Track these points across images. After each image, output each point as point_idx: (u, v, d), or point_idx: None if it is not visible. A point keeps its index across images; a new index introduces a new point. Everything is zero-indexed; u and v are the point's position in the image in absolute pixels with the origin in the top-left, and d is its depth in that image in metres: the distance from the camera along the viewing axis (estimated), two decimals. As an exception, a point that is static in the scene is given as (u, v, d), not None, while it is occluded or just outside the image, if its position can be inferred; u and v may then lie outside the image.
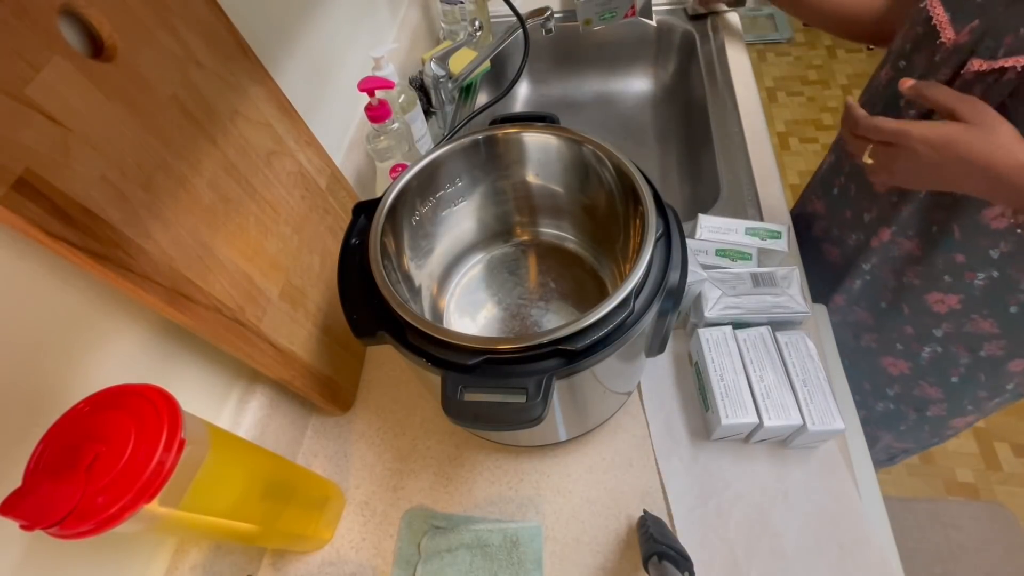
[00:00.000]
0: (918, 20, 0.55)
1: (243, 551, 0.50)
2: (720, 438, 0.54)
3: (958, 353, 0.66)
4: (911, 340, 0.69)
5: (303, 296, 0.54)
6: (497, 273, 0.61)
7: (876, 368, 0.76)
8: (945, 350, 0.66)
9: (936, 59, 0.53)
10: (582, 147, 0.50)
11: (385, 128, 0.64)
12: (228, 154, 0.45)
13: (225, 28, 0.45)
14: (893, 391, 0.76)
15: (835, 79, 2.32)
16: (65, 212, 0.31)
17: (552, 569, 0.50)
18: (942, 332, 0.65)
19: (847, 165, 0.70)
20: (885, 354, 0.73)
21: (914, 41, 0.56)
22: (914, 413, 0.77)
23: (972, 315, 0.61)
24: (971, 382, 0.68)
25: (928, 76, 0.53)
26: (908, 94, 0.50)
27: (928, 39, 0.54)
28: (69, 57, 0.32)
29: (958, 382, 0.69)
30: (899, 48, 0.60)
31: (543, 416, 0.35)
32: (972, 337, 0.63)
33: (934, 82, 0.49)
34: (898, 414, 0.79)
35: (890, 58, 0.62)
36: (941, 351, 0.67)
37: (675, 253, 0.43)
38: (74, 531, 0.27)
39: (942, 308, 0.62)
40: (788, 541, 0.49)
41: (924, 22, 0.54)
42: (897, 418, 0.80)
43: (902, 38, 0.59)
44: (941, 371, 0.69)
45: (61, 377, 0.36)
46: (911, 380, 0.73)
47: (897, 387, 0.75)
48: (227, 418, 0.51)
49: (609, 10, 1.00)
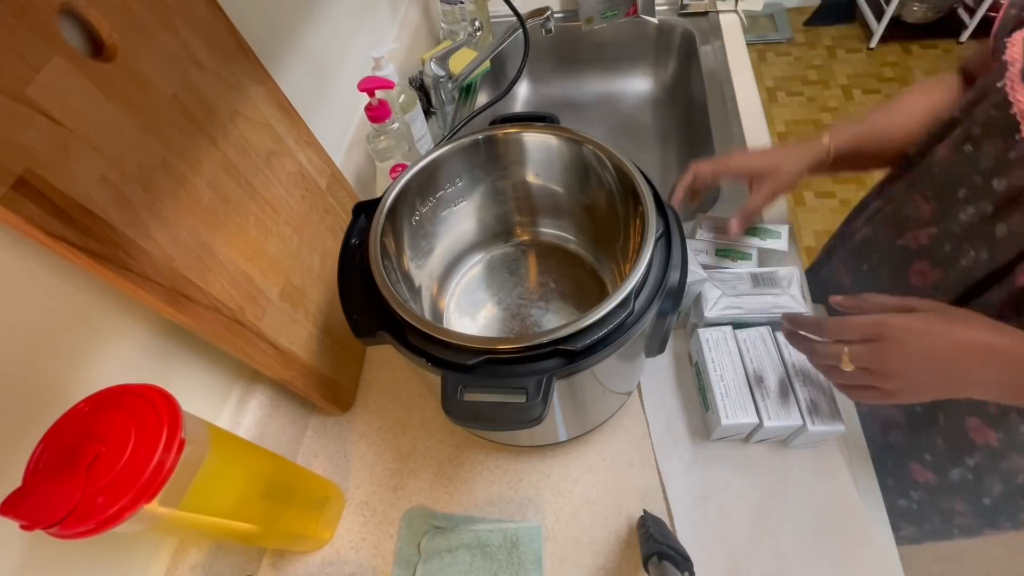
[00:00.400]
0: (994, 100, 0.45)
1: (243, 551, 0.50)
2: (720, 438, 0.54)
3: (992, 484, 0.56)
4: (942, 455, 0.58)
5: (303, 296, 0.54)
6: (497, 273, 0.61)
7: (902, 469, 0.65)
8: (977, 479, 0.57)
9: (1011, 155, 0.44)
10: (582, 147, 0.50)
11: (385, 128, 0.64)
12: (228, 154, 0.45)
13: (225, 28, 0.45)
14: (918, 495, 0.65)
15: (835, 79, 2.32)
16: (65, 212, 0.31)
17: (552, 569, 0.50)
18: (975, 462, 0.55)
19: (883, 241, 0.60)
20: (913, 460, 0.62)
21: (985, 126, 0.47)
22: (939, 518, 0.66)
23: (1012, 454, 0.52)
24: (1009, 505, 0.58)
25: (998, 174, 0.45)
26: (843, 307, 0.43)
27: (1003, 129, 0.44)
28: (69, 57, 0.32)
29: (991, 504, 0.59)
30: (966, 129, 0.49)
31: (543, 416, 0.35)
32: (1008, 473, 0.54)
33: (873, 295, 0.43)
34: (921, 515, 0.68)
35: (951, 133, 0.51)
36: (972, 479, 0.57)
37: (675, 253, 0.43)
38: (74, 531, 0.27)
39: (979, 438, 0.53)
40: (788, 541, 0.49)
41: (1000, 106, 0.44)
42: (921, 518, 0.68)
43: (969, 115, 0.49)
44: (971, 493, 0.59)
45: (61, 377, 0.36)
46: (937, 492, 0.63)
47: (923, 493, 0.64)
48: (227, 418, 0.51)
49: (611, 8, 1.00)
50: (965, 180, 0.49)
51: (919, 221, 0.54)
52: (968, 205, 0.48)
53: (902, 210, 0.57)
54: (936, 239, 0.52)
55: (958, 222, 0.49)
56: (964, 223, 0.49)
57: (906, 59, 2.35)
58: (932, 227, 0.53)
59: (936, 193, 0.52)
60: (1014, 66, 0.43)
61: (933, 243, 0.53)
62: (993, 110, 0.46)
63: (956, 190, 0.49)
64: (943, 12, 2.30)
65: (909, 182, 0.58)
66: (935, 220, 0.53)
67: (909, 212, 0.56)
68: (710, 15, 1.04)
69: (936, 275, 0.53)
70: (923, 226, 0.54)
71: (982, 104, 0.48)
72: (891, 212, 0.60)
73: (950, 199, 0.50)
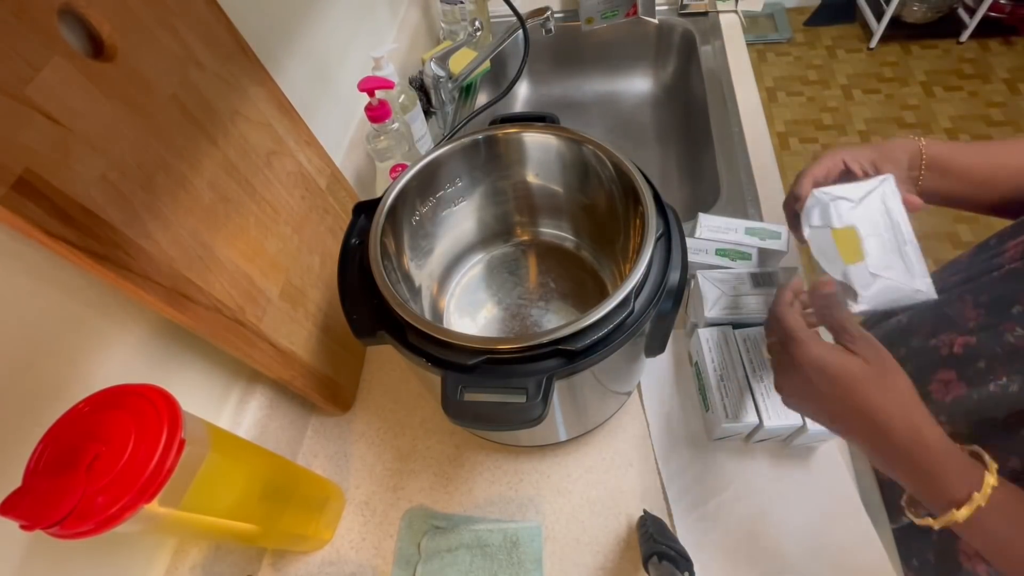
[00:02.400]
0: None
1: (243, 551, 0.50)
2: (720, 438, 0.54)
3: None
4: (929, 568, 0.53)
5: (303, 296, 0.54)
6: (497, 273, 0.61)
7: None
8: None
9: None
10: (582, 147, 0.50)
11: (385, 128, 0.64)
12: (228, 154, 0.45)
13: (225, 28, 0.45)
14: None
15: (835, 79, 2.32)
16: (65, 212, 0.31)
17: (552, 569, 0.50)
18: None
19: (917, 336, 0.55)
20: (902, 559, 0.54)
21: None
22: None
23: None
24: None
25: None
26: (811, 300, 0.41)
27: None
28: (69, 57, 0.32)
29: None
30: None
31: (543, 416, 0.35)
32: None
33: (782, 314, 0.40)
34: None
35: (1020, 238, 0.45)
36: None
37: (675, 253, 0.43)
38: (74, 531, 0.27)
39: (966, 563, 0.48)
40: (788, 541, 0.49)
41: None
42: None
43: None
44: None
45: (61, 377, 0.36)
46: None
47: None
48: (227, 418, 0.51)
49: (611, 8, 1.00)
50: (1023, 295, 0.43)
51: (961, 327, 0.49)
52: (1018, 325, 0.43)
53: (946, 308, 0.52)
54: (972, 350, 0.47)
55: (1002, 340, 0.44)
56: (1008, 344, 0.43)
57: (906, 59, 2.35)
58: (972, 336, 0.47)
59: (988, 300, 0.47)
60: None
61: (967, 354, 0.47)
62: None
63: (1011, 305, 0.44)
64: (943, 12, 2.31)
65: (964, 278, 0.52)
66: (977, 330, 0.47)
67: (953, 313, 0.51)
68: (710, 15, 1.04)
69: (959, 390, 0.48)
70: (962, 333, 0.48)
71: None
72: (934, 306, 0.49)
73: (1001, 312, 0.45)
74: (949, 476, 0.34)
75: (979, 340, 0.46)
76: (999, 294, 0.46)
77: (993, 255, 0.49)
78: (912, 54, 2.37)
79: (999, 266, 0.47)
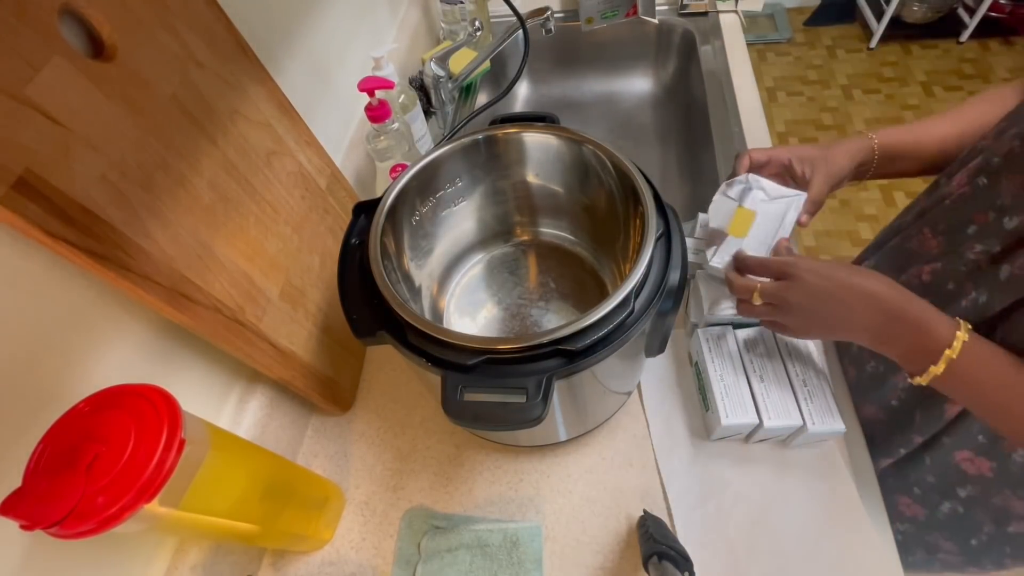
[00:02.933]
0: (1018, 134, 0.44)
1: (243, 551, 0.50)
2: (720, 438, 0.54)
3: (981, 521, 0.55)
4: (931, 490, 0.58)
5: (303, 296, 0.54)
6: (497, 273, 0.61)
7: (888, 502, 0.60)
8: (967, 512, 0.55)
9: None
10: (582, 147, 0.50)
11: (385, 128, 0.64)
12: (228, 154, 0.45)
13: (225, 28, 0.45)
14: (904, 527, 0.64)
15: (835, 79, 2.32)
16: (65, 212, 0.31)
17: (552, 569, 0.50)
18: (966, 494, 0.54)
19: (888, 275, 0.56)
20: (900, 492, 0.61)
21: (1006, 158, 0.44)
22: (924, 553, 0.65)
23: (1005, 489, 0.51)
24: (994, 550, 0.57)
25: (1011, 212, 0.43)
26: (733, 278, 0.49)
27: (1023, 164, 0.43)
28: (69, 57, 0.32)
29: (977, 545, 0.58)
30: (985, 160, 0.47)
31: (543, 416, 0.35)
32: (1001, 511, 0.53)
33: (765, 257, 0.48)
34: (905, 547, 0.64)
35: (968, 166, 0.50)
36: (963, 512, 0.56)
37: (675, 253, 0.43)
38: (74, 531, 0.27)
39: (971, 468, 0.52)
40: (788, 541, 0.49)
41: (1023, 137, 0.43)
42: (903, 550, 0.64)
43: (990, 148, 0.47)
44: (959, 530, 0.58)
45: (61, 377, 0.36)
46: (924, 527, 0.62)
47: (909, 527, 0.63)
48: (227, 418, 0.51)
49: (611, 8, 1.00)
50: (976, 216, 0.46)
51: (925, 256, 0.52)
52: (976, 243, 0.46)
53: (907, 244, 0.55)
54: (939, 275, 0.50)
55: (964, 260, 0.47)
56: (970, 261, 0.46)
57: (906, 59, 2.35)
58: (937, 263, 0.50)
59: (946, 227, 0.50)
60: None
61: (935, 280, 0.50)
62: (1017, 142, 0.43)
63: (966, 226, 0.47)
64: (943, 12, 2.31)
65: (918, 214, 0.56)
66: (941, 256, 0.50)
67: (915, 246, 0.54)
68: (710, 15, 1.04)
69: None
70: (928, 261, 0.52)
71: (1008, 134, 0.45)
72: (896, 245, 0.58)
73: (959, 235, 0.48)
74: (932, 323, 0.41)
75: (944, 265, 0.50)
76: (954, 219, 0.50)
77: (943, 188, 0.54)
78: (912, 54, 2.37)
79: (949, 195, 0.51)
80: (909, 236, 0.56)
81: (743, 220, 0.54)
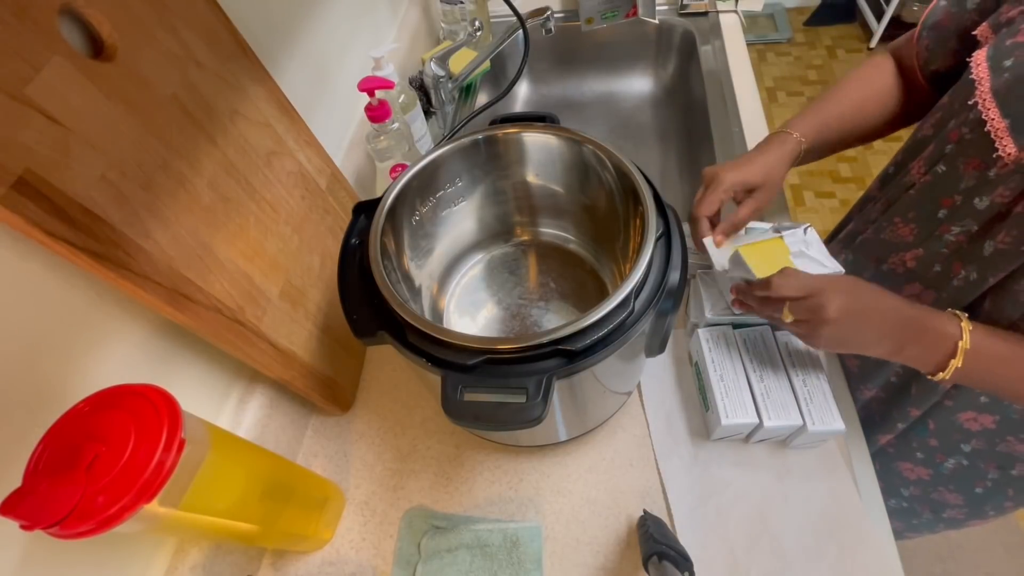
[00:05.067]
0: (964, 120, 0.45)
1: (243, 551, 0.50)
2: (720, 438, 0.54)
3: (986, 469, 0.59)
4: (935, 451, 0.61)
5: (303, 296, 0.54)
6: (497, 273, 0.61)
7: (891, 471, 0.67)
8: (972, 464, 0.59)
9: (991, 174, 0.43)
10: (582, 147, 0.50)
11: (385, 128, 0.64)
12: (228, 154, 0.45)
13: (225, 28, 0.45)
14: (908, 492, 0.68)
15: (835, 79, 2.32)
16: (65, 212, 0.31)
17: (552, 569, 0.50)
18: (971, 448, 0.57)
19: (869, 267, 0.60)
20: (903, 460, 0.65)
21: (959, 144, 0.46)
22: (929, 513, 0.70)
23: (1008, 436, 0.54)
24: (998, 494, 0.61)
25: (979, 193, 0.45)
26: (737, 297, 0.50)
27: (980, 148, 0.44)
28: (69, 57, 0.32)
29: (982, 493, 0.62)
30: (937, 149, 0.49)
31: (543, 416, 0.35)
32: (1004, 456, 0.56)
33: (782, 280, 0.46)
34: (911, 512, 0.71)
35: (921, 152, 0.52)
36: (967, 464, 0.59)
37: (675, 253, 0.43)
38: (74, 531, 0.27)
39: (974, 426, 0.55)
40: (788, 541, 0.49)
41: (974, 125, 0.44)
42: (910, 515, 0.72)
43: (938, 137, 0.50)
44: (964, 481, 0.62)
45: (61, 377, 0.36)
46: (929, 485, 0.65)
47: (913, 489, 0.67)
48: (227, 418, 0.51)
49: (611, 9, 1.00)
50: (944, 200, 0.48)
51: (902, 244, 0.54)
52: (951, 225, 0.48)
53: (880, 235, 0.57)
54: (923, 260, 0.52)
55: (944, 242, 0.49)
56: (951, 243, 0.49)
57: (906, 59, 2.35)
58: (917, 248, 0.52)
59: (916, 215, 0.52)
60: (983, 85, 0.43)
61: (921, 265, 0.53)
62: (965, 128, 0.45)
63: (936, 211, 0.49)
64: (943, 12, 2.30)
65: (884, 205, 0.58)
66: (919, 242, 0.52)
67: (888, 236, 0.56)
68: (710, 15, 1.04)
69: (930, 297, 0.52)
70: (907, 248, 0.54)
71: (951, 123, 0.48)
72: (869, 238, 0.59)
73: (931, 220, 0.50)
74: (937, 320, 0.43)
75: (926, 250, 0.52)
76: (922, 207, 0.51)
77: (901, 178, 0.56)
78: (912, 54, 2.37)
79: (911, 183, 0.53)
80: (881, 228, 0.57)
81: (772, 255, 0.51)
